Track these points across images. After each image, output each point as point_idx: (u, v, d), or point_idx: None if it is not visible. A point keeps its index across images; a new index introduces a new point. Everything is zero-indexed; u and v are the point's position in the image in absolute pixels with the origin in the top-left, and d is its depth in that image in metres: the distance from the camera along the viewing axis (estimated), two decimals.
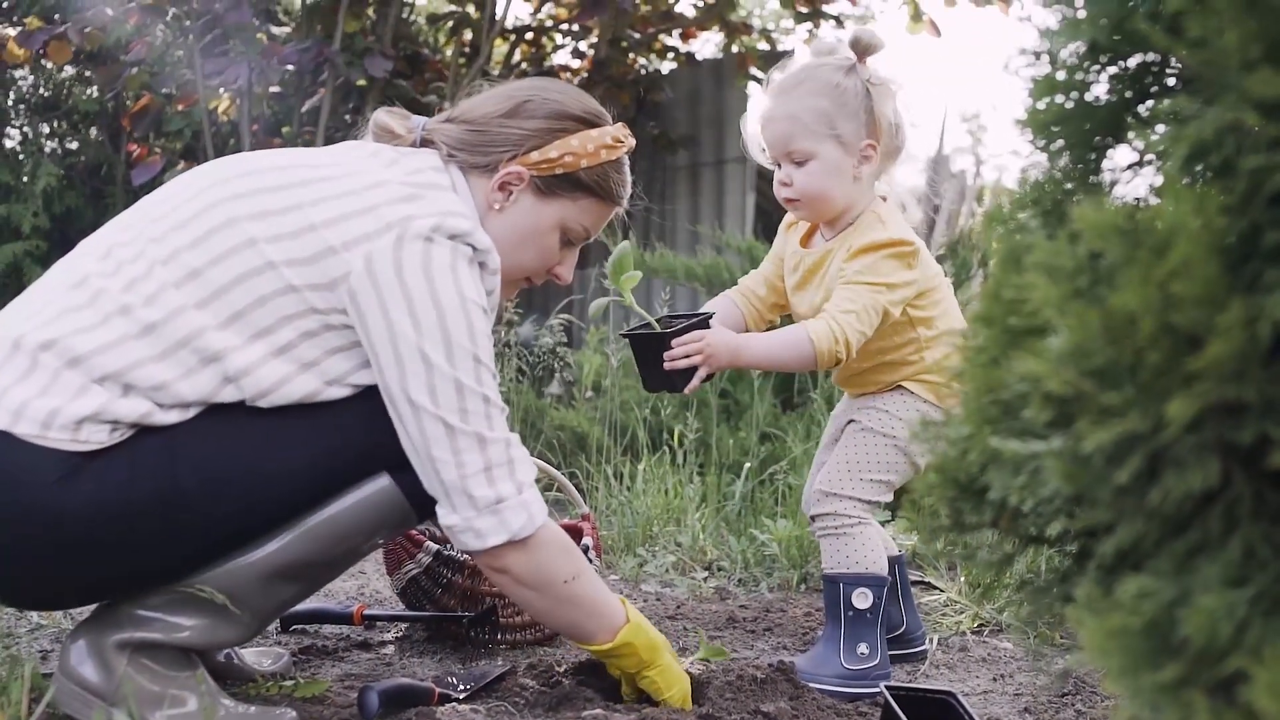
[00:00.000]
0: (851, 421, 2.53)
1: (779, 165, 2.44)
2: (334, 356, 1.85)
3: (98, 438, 1.74)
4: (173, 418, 1.79)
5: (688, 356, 2.29)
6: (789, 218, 2.64)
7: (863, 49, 2.41)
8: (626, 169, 2.14)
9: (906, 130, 2.45)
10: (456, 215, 1.87)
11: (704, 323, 2.36)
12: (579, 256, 2.20)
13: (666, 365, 2.30)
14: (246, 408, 1.83)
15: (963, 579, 3.12)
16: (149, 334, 1.77)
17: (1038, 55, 1.16)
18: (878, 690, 2.29)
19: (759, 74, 7.19)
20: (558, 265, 2.14)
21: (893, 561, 2.58)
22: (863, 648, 2.37)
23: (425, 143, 2.06)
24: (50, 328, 1.78)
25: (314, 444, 1.84)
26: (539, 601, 1.94)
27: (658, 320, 2.44)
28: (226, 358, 1.78)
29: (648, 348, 2.36)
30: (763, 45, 7.31)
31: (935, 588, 3.19)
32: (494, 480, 1.82)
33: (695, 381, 2.32)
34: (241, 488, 1.80)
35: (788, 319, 2.60)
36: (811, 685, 2.25)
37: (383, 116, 2.10)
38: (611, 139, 2.08)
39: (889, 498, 2.50)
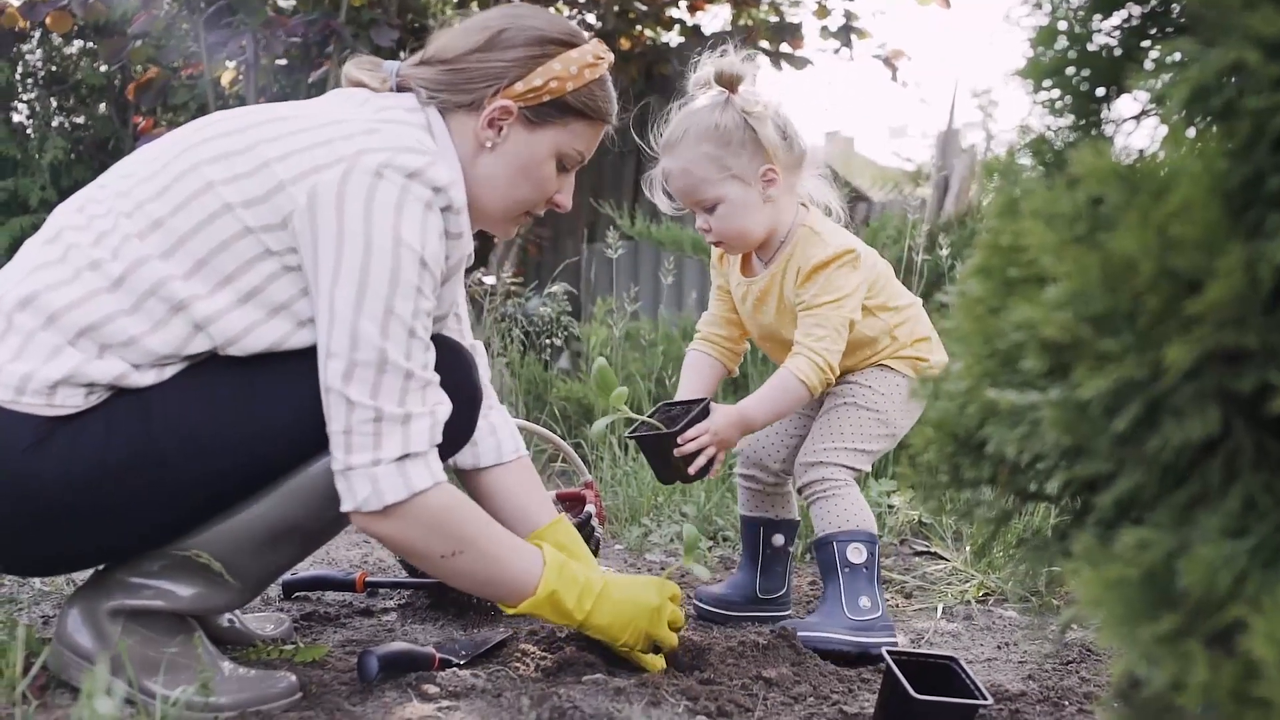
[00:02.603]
0: (830, 394, 2.56)
1: (694, 212, 2.49)
2: (303, 300, 1.82)
3: (73, 402, 1.73)
4: (148, 379, 1.77)
5: (702, 450, 2.40)
6: (716, 251, 2.67)
7: (728, 81, 2.42)
8: (609, 84, 2.09)
9: (800, 137, 2.47)
10: (411, 151, 1.81)
11: (704, 411, 2.44)
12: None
13: (691, 469, 2.41)
14: (223, 367, 1.81)
15: (968, 549, 3.11)
16: (119, 287, 1.76)
17: (1039, 4, 1.14)
18: (886, 640, 2.31)
19: (768, 47, 7.14)
20: (557, 193, 2.09)
21: (794, 526, 2.72)
22: (864, 600, 2.37)
23: (402, 89, 2.01)
24: (25, 284, 1.77)
25: (292, 401, 1.81)
26: (421, 565, 1.92)
27: (655, 411, 2.51)
28: (193, 305, 1.76)
29: (656, 446, 2.44)
30: (772, 18, 7.24)
31: (941, 557, 3.18)
32: (350, 446, 1.75)
33: (715, 468, 2.44)
34: (220, 448, 1.79)
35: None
36: (818, 643, 2.26)
37: (351, 69, 2.04)
38: (593, 57, 2.03)
39: (868, 467, 2.56)
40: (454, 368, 1.93)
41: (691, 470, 2.42)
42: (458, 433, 1.95)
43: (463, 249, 1.94)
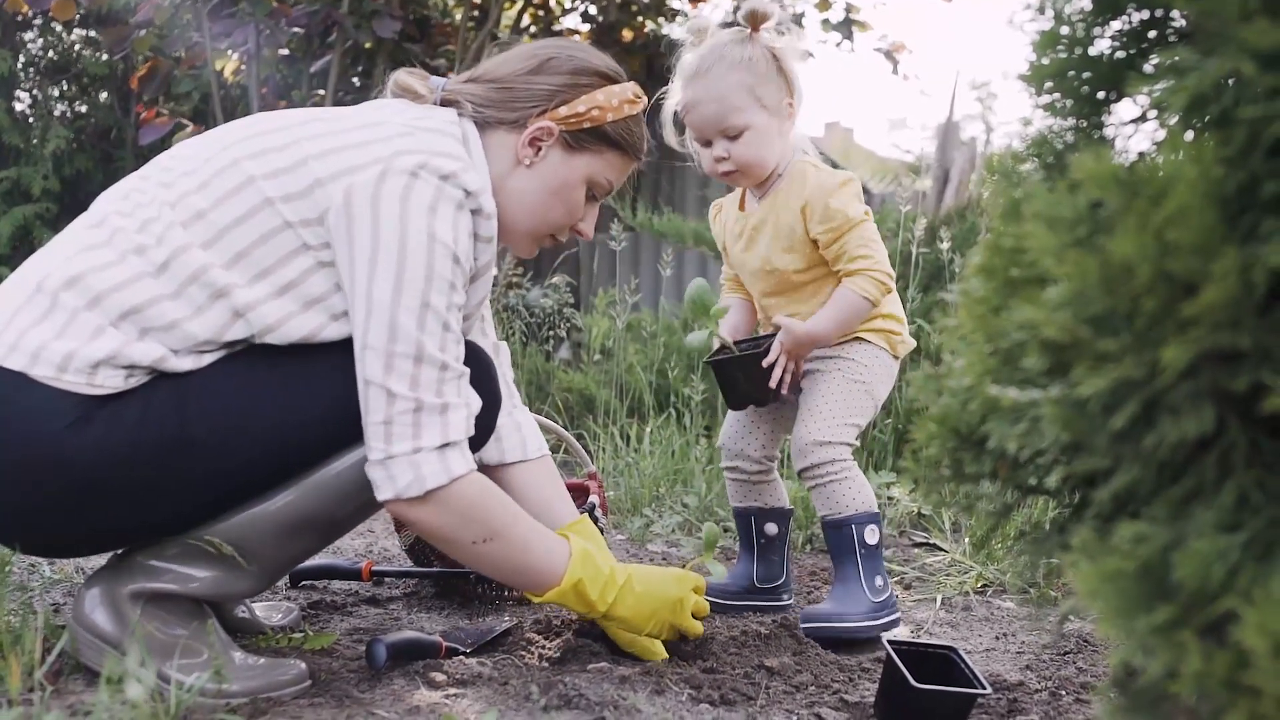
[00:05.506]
0: (813, 370, 2.61)
1: (708, 143, 2.54)
2: (337, 294, 1.87)
3: (113, 382, 1.77)
4: (186, 364, 1.81)
5: (777, 366, 2.54)
6: (714, 209, 2.81)
7: (757, 20, 2.50)
8: (644, 125, 2.19)
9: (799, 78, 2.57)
10: (445, 155, 1.87)
11: (770, 339, 2.57)
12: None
13: (771, 384, 2.54)
14: (259, 358, 1.85)
15: (966, 540, 3.14)
16: (162, 273, 1.81)
17: (1041, 9, 1.16)
18: (899, 616, 2.43)
19: None
20: (581, 221, 2.17)
21: (787, 514, 2.77)
22: (878, 580, 2.46)
23: (446, 103, 2.08)
24: (72, 264, 1.81)
25: (326, 395, 1.85)
26: (453, 553, 1.96)
27: (720, 350, 2.62)
28: (232, 293, 1.81)
29: (730, 370, 2.60)
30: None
31: (939, 549, 3.21)
32: (390, 436, 1.80)
33: (787, 381, 2.56)
34: (251, 437, 1.82)
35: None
36: (841, 633, 2.33)
37: (404, 76, 2.10)
38: (632, 94, 2.14)
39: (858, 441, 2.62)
40: (474, 370, 1.96)
41: (771, 384, 2.53)
42: (478, 433, 1.99)
43: (489, 253, 1.99)
